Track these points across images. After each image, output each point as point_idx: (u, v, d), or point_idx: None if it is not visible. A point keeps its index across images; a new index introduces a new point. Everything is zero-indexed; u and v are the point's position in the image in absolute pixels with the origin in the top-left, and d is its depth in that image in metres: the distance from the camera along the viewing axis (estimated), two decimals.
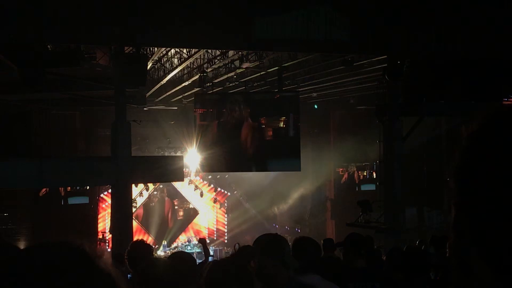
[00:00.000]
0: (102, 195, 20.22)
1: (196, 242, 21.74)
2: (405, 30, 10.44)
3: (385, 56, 11.85)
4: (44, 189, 16.66)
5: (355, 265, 4.65)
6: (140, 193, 21.34)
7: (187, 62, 14.20)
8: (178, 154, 18.56)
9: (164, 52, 14.19)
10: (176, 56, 14.67)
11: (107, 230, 19.30)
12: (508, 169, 0.69)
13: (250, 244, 4.13)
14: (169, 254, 9.99)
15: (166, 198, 22.72)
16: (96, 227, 19.60)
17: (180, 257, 3.88)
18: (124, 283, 1.06)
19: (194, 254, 18.98)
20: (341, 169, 20.42)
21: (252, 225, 23.06)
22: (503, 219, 0.69)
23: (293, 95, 15.48)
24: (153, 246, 21.40)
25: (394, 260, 5.67)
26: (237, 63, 14.23)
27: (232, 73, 14.91)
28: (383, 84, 13.50)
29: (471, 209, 0.72)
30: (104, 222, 20.18)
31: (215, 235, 22.92)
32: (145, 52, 12.49)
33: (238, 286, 2.89)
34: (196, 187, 22.60)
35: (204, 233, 22.25)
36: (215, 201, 23.42)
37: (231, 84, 16.14)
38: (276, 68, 14.38)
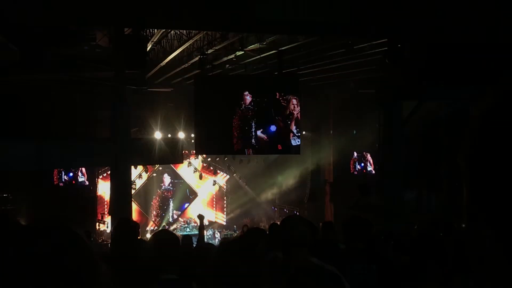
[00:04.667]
0: (101, 177, 20.27)
1: (195, 224, 21.86)
2: (406, 13, 10.37)
3: (386, 40, 11.79)
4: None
5: (354, 247, 4.69)
6: (139, 175, 21.38)
7: (187, 44, 14.14)
8: (178, 136, 18.57)
9: (164, 34, 14.11)
10: (175, 38, 14.60)
11: (106, 212, 19.38)
12: None
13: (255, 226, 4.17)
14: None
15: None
16: (96, 209, 19.67)
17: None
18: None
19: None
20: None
21: (251, 207, 23.15)
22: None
23: (293, 78, 15.42)
24: (153, 228, 21.50)
25: (402, 245, 5.72)
26: (237, 45, 14.17)
27: (232, 55, 14.84)
28: (384, 67, 13.44)
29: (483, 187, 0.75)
30: (103, 203, 20.25)
31: (214, 218, 23.01)
32: (145, 34, 12.43)
33: (245, 267, 2.90)
34: (196, 170, 22.64)
35: (203, 215, 22.38)
36: (214, 183, 23.48)
37: (230, 67, 16.08)
38: (275, 51, 14.31)
